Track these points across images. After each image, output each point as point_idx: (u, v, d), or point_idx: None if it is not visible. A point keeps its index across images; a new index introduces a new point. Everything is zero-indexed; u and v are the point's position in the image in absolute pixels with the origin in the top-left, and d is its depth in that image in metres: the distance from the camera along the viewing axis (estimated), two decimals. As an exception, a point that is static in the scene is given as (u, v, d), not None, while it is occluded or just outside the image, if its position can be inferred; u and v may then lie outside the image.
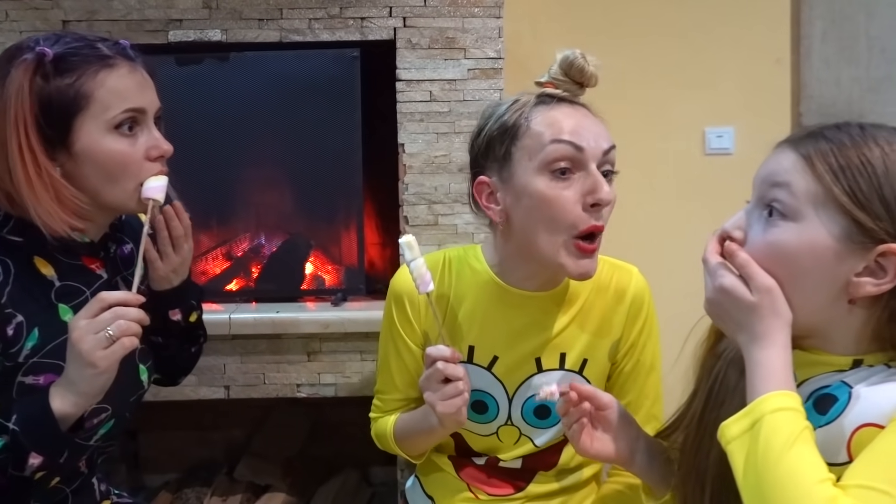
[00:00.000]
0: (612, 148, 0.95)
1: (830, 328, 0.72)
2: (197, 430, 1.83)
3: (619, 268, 1.05)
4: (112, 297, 0.84)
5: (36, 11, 1.48)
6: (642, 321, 1.04)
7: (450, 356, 0.91)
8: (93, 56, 0.89)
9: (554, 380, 1.00)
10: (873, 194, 0.66)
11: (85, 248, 0.95)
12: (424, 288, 0.93)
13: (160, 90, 0.94)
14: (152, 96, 0.94)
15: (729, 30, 1.98)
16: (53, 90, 0.87)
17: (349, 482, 1.73)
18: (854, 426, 0.67)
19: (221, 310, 1.49)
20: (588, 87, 0.97)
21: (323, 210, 1.61)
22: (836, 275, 0.68)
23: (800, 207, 0.69)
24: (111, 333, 0.81)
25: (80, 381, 0.82)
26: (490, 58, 1.50)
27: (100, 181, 0.90)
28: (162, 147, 0.93)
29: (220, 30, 1.50)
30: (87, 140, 0.88)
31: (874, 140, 0.68)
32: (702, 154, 2.02)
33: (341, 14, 1.50)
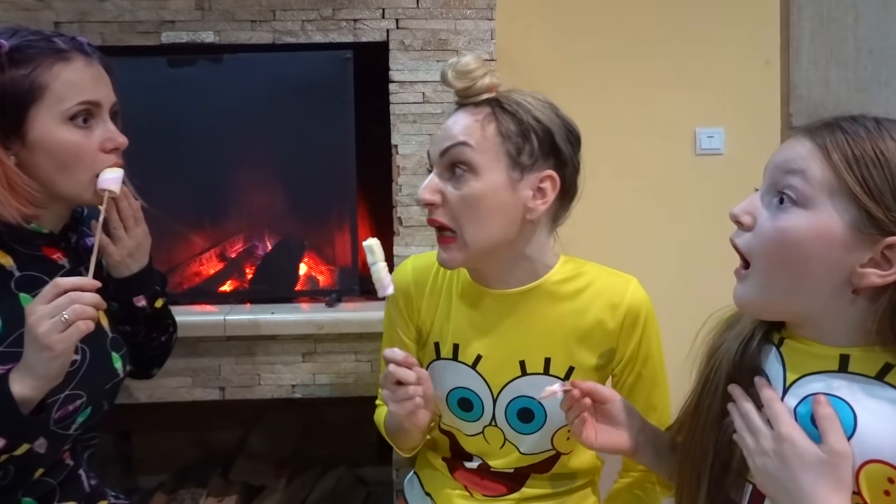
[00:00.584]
0: (450, 148, 0.93)
1: (831, 317, 0.72)
2: (191, 431, 1.84)
3: (615, 277, 1.03)
4: (67, 282, 0.85)
5: (27, 13, 1.48)
6: (639, 333, 1.01)
7: (401, 360, 0.93)
8: (49, 49, 0.92)
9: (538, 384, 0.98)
10: (886, 186, 0.67)
11: (44, 239, 0.97)
12: (382, 292, 0.95)
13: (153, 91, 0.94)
14: (107, 91, 0.97)
15: (719, 31, 2.00)
16: (8, 80, 0.89)
17: (344, 482, 1.74)
18: (861, 460, 0.68)
19: (216, 311, 1.49)
20: (464, 88, 0.94)
21: (316, 211, 1.61)
22: (843, 264, 0.69)
23: (813, 195, 0.70)
24: (66, 317, 0.83)
25: (38, 364, 0.84)
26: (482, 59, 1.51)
27: (53, 171, 0.92)
28: (117, 140, 0.96)
29: (212, 31, 1.50)
30: (41, 130, 0.91)
31: (889, 133, 0.69)
32: (693, 154, 2.03)
33: (334, 16, 1.50)
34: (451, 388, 1.05)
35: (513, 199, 0.93)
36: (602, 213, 2.00)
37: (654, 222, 2.01)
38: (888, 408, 0.69)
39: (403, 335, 1.09)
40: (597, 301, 1.01)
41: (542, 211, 0.95)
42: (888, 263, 0.68)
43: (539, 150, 0.94)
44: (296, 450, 1.80)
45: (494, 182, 0.92)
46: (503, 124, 0.93)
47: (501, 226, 0.94)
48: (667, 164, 2.02)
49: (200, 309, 1.52)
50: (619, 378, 1.04)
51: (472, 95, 0.94)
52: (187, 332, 1.42)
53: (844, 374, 0.72)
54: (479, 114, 0.94)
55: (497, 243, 0.95)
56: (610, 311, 1.00)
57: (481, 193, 0.92)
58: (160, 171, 1.54)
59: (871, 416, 0.69)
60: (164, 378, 1.42)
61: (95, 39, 1.49)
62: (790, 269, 0.71)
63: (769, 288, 0.74)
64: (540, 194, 0.95)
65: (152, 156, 1.53)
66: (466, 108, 0.95)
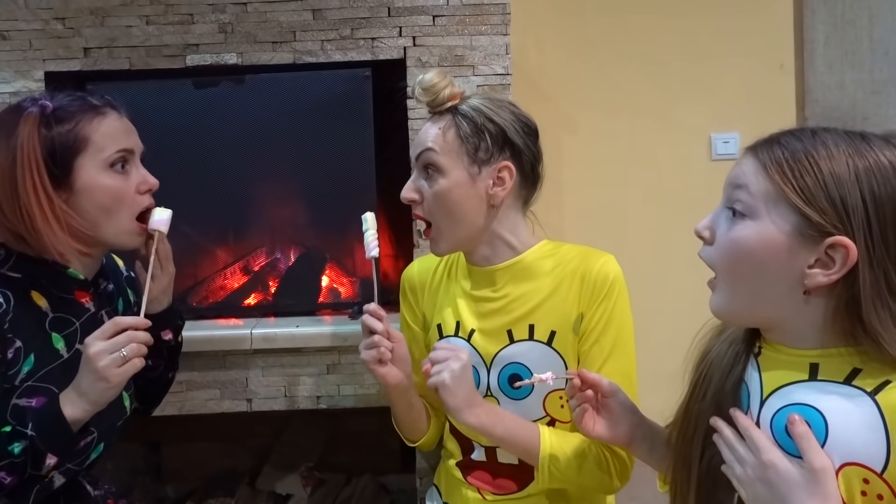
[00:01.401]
0: (421, 153, 1.09)
1: (790, 318, 0.77)
2: (219, 442, 1.87)
3: (592, 253, 1.12)
4: (126, 321, 0.96)
5: (58, 40, 1.53)
6: (603, 303, 1.08)
7: (373, 310, 1.09)
8: (86, 106, 1.03)
9: (525, 350, 1.10)
10: (819, 192, 0.72)
11: (78, 284, 1.05)
12: (368, 254, 1.14)
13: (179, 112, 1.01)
14: (137, 139, 1.08)
15: (733, 37, 2.01)
16: (56, 136, 1.00)
17: (368, 490, 1.77)
18: (837, 464, 0.72)
19: (242, 325, 1.53)
20: (427, 100, 1.10)
21: (337, 224, 1.64)
22: (791, 267, 0.74)
23: (756, 206, 0.75)
24: (125, 354, 0.94)
25: (92, 392, 0.94)
26: (498, 74, 1.54)
27: (98, 214, 1.02)
28: (149, 181, 1.07)
29: (235, 53, 1.55)
30: (87, 177, 1.01)
31: (823, 144, 0.74)
32: (708, 160, 2.04)
33: (352, 35, 1.54)
34: None
35: (475, 191, 1.08)
36: (618, 220, 2.02)
37: (669, 228, 2.01)
38: (856, 410, 0.72)
39: (412, 324, 1.24)
40: (572, 273, 1.11)
41: (503, 196, 1.09)
42: (833, 262, 0.72)
43: (493, 145, 1.08)
44: (321, 459, 1.83)
45: (457, 178, 1.08)
46: (461, 128, 1.08)
47: (469, 213, 1.09)
48: (682, 169, 2.03)
49: (226, 323, 1.56)
50: (581, 339, 1.10)
51: (438, 105, 1.09)
52: (215, 346, 1.46)
53: (815, 382, 0.76)
54: (442, 121, 1.09)
55: (470, 228, 1.10)
56: (581, 280, 1.10)
57: (448, 189, 1.08)
58: (185, 188, 1.58)
59: (841, 421, 0.73)
60: (194, 391, 1.46)
61: (123, 64, 1.54)
62: (746, 276, 0.77)
63: (734, 296, 0.79)
64: (499, 182, 1.09)
65: (178, 173, 1.57)
66: (434, 116, 1.11)
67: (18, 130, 0.98)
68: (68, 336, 1.03)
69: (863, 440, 0.71)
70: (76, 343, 1.03)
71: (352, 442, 1.86)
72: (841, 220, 0.72)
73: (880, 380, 0.72)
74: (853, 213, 0.71)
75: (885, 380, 0.72)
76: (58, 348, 1.01)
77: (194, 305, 1.61)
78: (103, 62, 1.54)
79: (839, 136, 0.75)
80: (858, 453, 0.71)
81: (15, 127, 0.99)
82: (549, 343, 1.10)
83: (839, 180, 0.72)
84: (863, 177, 0.72)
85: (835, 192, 0.72)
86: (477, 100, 1.10)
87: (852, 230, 0.71)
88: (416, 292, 1.23)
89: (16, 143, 0.98)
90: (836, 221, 0.72)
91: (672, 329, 1.10)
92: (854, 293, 0.72)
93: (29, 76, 1.53)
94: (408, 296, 1.25)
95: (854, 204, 0.71)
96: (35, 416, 0.94)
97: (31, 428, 0.92)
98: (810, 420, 0.74)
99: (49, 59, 1.54)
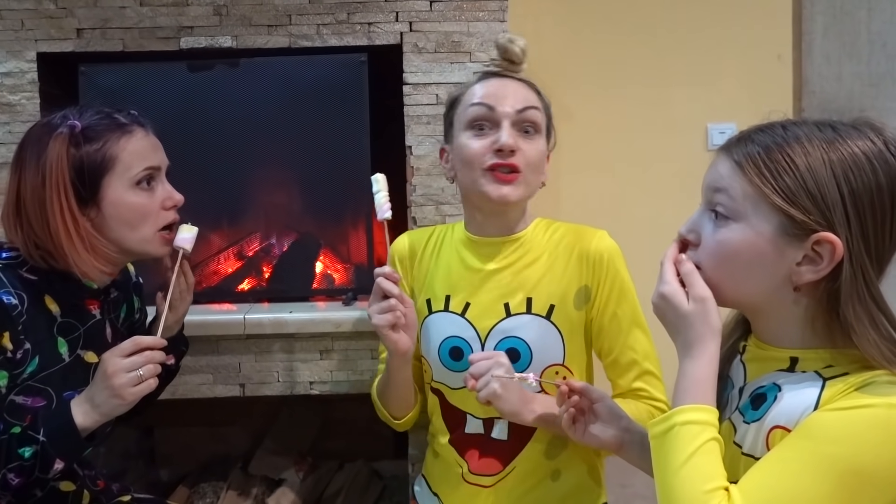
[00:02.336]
0: (527, 109, 1.09)
1: (777, 313, 0.78)
2: (212, 427, 1.88)
3: (585, 229, 1.14)
4: (146, 341, 0.98)
5: (51, 20, 1.52)
6: (611, 276, 1.10)
7: (388, 273, 1.07)
8: (113, 125, 1.04)
9: (523, 323, 1.10)
10: (800, 190, 0.73)
11: (89, 293, 1.07)
12: (381, 215, 1.13)
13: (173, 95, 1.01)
14: (162, 155, 1.10)
15: (731, 27, 2.01)
16: (85, 156, 1.01)
17: (360, 476, 1.78)
18: (769, 427, 0.75)
19: (235, 310, 1.52)
20: (518, 62, 1.12)
21: (332, 210, 1.64)
22: (779, 266, 0.75)
23: (739, 209, 0.76)
24: (142, 374, 0.97)
25: (105, 406, 0.97)
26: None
27: (123, 230, 1.04)
28: (174, 198, 1.09)
29: (230, 36, 1.54)
30: (114, 196, 1.03)
31: (796, 139, 0.74)
32: (704, 150, 2.04)
33: (349, 19, 1.53)
34: (442, 339, 1.13)
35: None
36: (614, 209, 2.02)
37: (666, 218, 2.01)
38: (805, 388, 0.74)
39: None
40: (567, 248, 1.12)
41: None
42: (820, 258, 0.73)
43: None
44: (314, 444, 1.84)
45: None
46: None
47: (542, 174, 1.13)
48: (679, 160, 2.03)
49: (220, 308, 1.56)
50: (596, 319, 1.11)
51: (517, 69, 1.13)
52: (208, 331, 1.46)
53: (791, 372, 0.78)
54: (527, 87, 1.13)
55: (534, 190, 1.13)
56: (580, 256, 1.11)
57: (542, 150, 1.12)
58: (180, 172, 1.55)
59: (788, 394, 0.75)
60: (187, 375, 1.46)
61: (116, 45, 1.53)
62: (734, 276, 0.77)
63: (720, 290, 0.79)
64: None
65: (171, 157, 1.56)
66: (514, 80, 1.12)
67: (49, 149, 1.00)
68: (72, 341, 1.04)
69: (796, 408, 0.73)
70: (78, 348, 1.05)
71: (345, 428, 1.86)
72: (824, 216, 0.72)
73: (841, 371, 0.74)
74: (833, 208, 0.72)
75: (844, 371, 0.74)
76: (61, 352, 1.03)
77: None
78: (96, 43, 1.53)
79: (810, 128, 0.75)
80: (786, 418, 0.74)
81: (46, 145, 1.00)
82: (547, 317, 1.10)
83: (817, 176, 0.72)
84: (839, 170, 0.72)
85: (814, 188, 0.72)
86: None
87: (835, 225, 0.72)
88: (406, 264, 1.22)
89: (45, 162, 1.00)
90: (820, 218, 0.72)
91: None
92: (836, 287, 0.73)
93: (21, 57, 1.52)
94: (397, 268, 1.23)
95: (833, 199, 0.72)
96: (46, 423, 0.96)
97: (43, 434, 0.94)
98: (768, 392, 0.77)
99: (41, 40, 1.52)
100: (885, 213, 0.72)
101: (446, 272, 1.16)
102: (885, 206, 0.72)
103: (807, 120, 0.77)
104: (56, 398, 1.00)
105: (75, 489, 1.09)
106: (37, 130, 1.04)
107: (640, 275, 1.12)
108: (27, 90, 1.52)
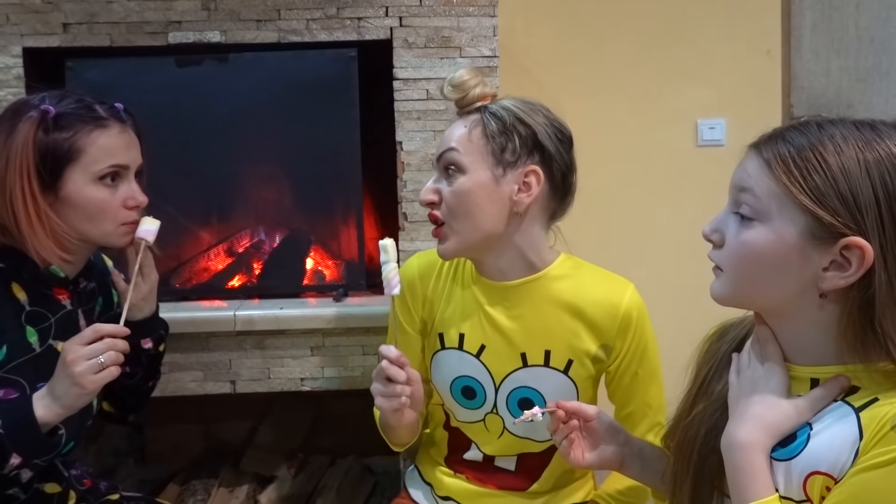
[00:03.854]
0: (444, 152, 1.04)
1: (803, 322, 0.74)
2: (202, 424, 1.87)
3: (613, 279, 1.09)
4: (106, 328, 0.96)
5: (36, 15, 1.50)
6: (635, 335, 1.06)
7: (394, 358, 0.98)
8: (88, 116, 1.03)
9: (539, 375, 1.07)
10: (830, 191, 0.68)
11: (58, 282, 1.06)
12: (389, 291, 1.01)
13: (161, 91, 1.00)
14: (136, 154, 1.08)
15: (720, 22, 2.01)
16: (51, 142, 1.00)
17: (353, 471, 1.77)
18: (807, 472, 0.71)
19: (226, 306, 1.52)
20: (460, 98, 1.04)
21: (323, 206, 1.63)
22: (804, 270, 0.71)
23: (764, 209, 0.72)
24: (102, 361, 0.94)
25: (66, 396, 0.94)
26: (485, 56, 1.53)
27: (81, 221, 1.03)
28: (138, 198, 1.07)
29: (218, 31, 1.52)
30: (73, 187, 1.02)
31: (830, 138, 0.70)
32: (694, 146, 2.05)
33: (338, 14, 1.52)
34: (455, 377, 1.10)
35: (498, 193, 1.01)
36: (603, 205, 2.02)
37: (655, 214, 2.02)
38: (841, 428, 0.71)
39: (409, 327, 1.15)
40: (594, 300, 1.06)
41: (527, 203, 1.02)
42: (849, 264, 0.69)
43: (521, 147, 1.01)
44: (305, 441, 1.84)
45: (480, 178, 1.01)
46: (488, 126, 1.02)
47: (489, 217, 1.02)
48: (668, 155, 2.03)
49: (210, 305, 1.55)
50: (616, 376, 1.08)
51: (467, 104, 1.04)
52: (198, 328, 1.45)
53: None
54: (469, 120, 1.03)
55: (486, 234, 1.02)
56: (607, 312, 1.05)
57: (468, 188, 1.01)
58: (169, 168, 1.56)
59: (825, 439, 0.72)
60: (177, 372, 1.46)
61: (103, 40, 1.51)
62: (757, 278, 0.74)
63: (740, 291, 0.77)
64: (525, 188, 1.02)
65: (160, 153, 1.54)
66: (462, 116, 1.05)
67: (17, 130, 0.99)
68: (42, 331, 1.03)
69: (836, 453, 0.70)
70: (49, 338, 1.03)
71: (336, 424, 1.86)
72: (854, 220, 0.68)
73: (870, 397, 0.70)
74: (866, 211, 0.67)
75: (873, 397, 0.70)
76: (31, 342, 1.01)
77: (177, 287, 1.60)
78: (83, 38, 1.51)
79: (847, 127, 0.71)
80: (828, 464, 0.70)
81: (16, 125, 1.00)
82: (565, 371, 1.07)
83: (850, 176, 0.68)
84: (874, 171, 0.67)
85: (845, 189, 0.68)
86: (509, 101, 1.04)
87: (866, 229, 0.67)
88: (416, 294, 1.14)
89: (12, 143, 0.99)
90: (850, 221, 0.68)
91: (653, 312, 1.11)
92: (869, 296, 0.68)
93: (6, 52, 1.50)
94: (406, 297, 1.14)
95: (866, 201, 0.67)
96: (5, 413, 0.93)
97: (1, 426, 0.92)
98: (798, 430, 0.73)
99: (27, 35, 1.50)
100: None
101: (460, 309, 1.10)
102: None
103: (845, 119, 0.73)
104: (30, 389, 0.99)
105: (61, 490, 1.08)
106: (11, 109, 1.03)
107: (628, 271, 1.12)
108: (13, 86, 1.51)
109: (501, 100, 1.05)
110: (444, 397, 1.13)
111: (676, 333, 1.00)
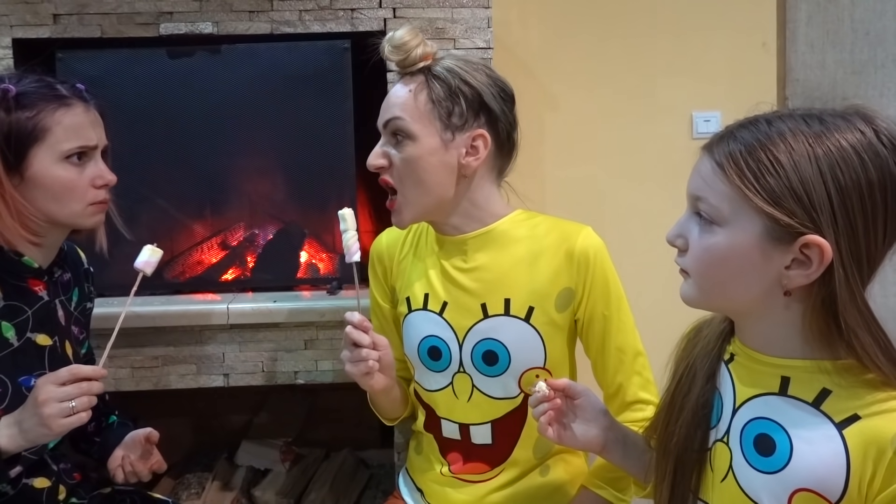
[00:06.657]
0: (390, 120, 1.05)
1: (768, 320, 0.74)
2: (196, 417, 1.87)
3: (570, 226, 1.09)
4: (85, 371, 0.93)
5: (26, 5, 1.48)
6: (598, 277, 1.06)
7: (357, 322, 1.03)
8: (51, 95, 1.01)
9: (500, 324, 1.08)
10: (784, 190, 0.69)
11: (32, 272, 1.04)
12: (349, 258, 1.07)
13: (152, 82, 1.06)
14: (101, 134, 1.07)
15: (715, 14, 2.00)
16: (14, 121, 0.98)
17: (347, 464, 1.77)
18: (793, 488, 0.72)
19: (220, 300, 1.51)
20: (402, 58, 1.04)
21: (316, 199, 1.62)
22: (768, 270, 0.71)
23: (722, 213, 0.72)
24: (73, 406, 0.92)
25: (31, 432, 0.93)
26: (479, 47, 1.52)
27: (48, 202, 1.02)
28: (106, 177, 1.06)
29: (211, 22, 1.51)
30: (39, 167, 1.01)
31: (780, 134, 0.70)
32: (689, 138, 2.04)
33: (331, 5, 1.51)
34: (421, 338, 1.11)
35: (447, 158, 1.03)
36: (599, 197, 2.02)
37: (650, 206, 2.02)
38: (822, 441, 0.71)
39: (381, 300, 1.21)
40: (551, 245, 1.07)
41: (476, 167, 1.05)
42: (809, 261, 0.69)
43: (468, 110, 1.03)
44: (299, 434, 1.83)
45: (429, 144, 1.03)
46: (434, 91, 1.02)
47: (439, 182, 1.04)
48: (663, 148, 2.02)
49: (203, 298, 1.55)
50: (586, 323, 1.08)
51: (409, 65, 1.04)
52: (192, 321, 1.45)
53: (784, 396, 0.74)
54: (413, 83, 1.04)
55: (437, 198, 1.05)
56: (563, 254, 1.06)
57: (418, 155, 1.03)
58: (161, 161, 1.55)
59: (807, 449, 0.72)
60: (170, 366, 1.45)
61: (94, 31, 1.50)
62: (723, 282, 0.74)
63: (708, 294, 0.77)
64: (473, 151, 1.04)
65: (152, 146, 1.55)
66: (404, 77, 1.06)
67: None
68: (19, 324, 1.02)
69: (824, 470, 0.70)
70: (27, 331, 1.02)
71: (330, 417, 1.86)
72: (810, 218, 0.68)
73: (848, 412, 0.70)
74: (820, 208, 0.67)
75: (853, 413, 0.70)
76: (7, 337, 1.00)
77: (170, 280, 1.59)
78: (74, 29, 1.50)
79: (796, 121, 0.71)
80: (817, 482, 0.71)
81: None
82: (526, 319, 1.07)
83: (802, 174, 0.68)
84: (825, 166, 0.67)
85: (800, 188, 0.68)
86: (451, 60, 1.05)
87: (822, 226, 0.68)
88: (385, 265, 1.19)
89: None
90: (806, 220, 0.68)
91: (648, 305, 1.10)
92: (830, 292, 0.69)
93: (-4, 43, 1.49)
94: (376, 269, 1.21)
95: (820, 199, 0.67)
96: None
97: None
98: (776, 438, 0.73)
99: (17, 26, 1.49)
100: (875, 211, 0.68)
101: (423, 270, 1.13)
102: (875, 202, 0.68)
103: (793, 112, 0.72)
104: (10, 384, 0.98)
105: (50, 485, 1.07)
106: None
107: (625, 263, 1.12)
108: (3, 77, 1.49)
109: (443, 59, 1.05)
110: (413, 364, 1.14)
111: (671, 325, 0.99)
